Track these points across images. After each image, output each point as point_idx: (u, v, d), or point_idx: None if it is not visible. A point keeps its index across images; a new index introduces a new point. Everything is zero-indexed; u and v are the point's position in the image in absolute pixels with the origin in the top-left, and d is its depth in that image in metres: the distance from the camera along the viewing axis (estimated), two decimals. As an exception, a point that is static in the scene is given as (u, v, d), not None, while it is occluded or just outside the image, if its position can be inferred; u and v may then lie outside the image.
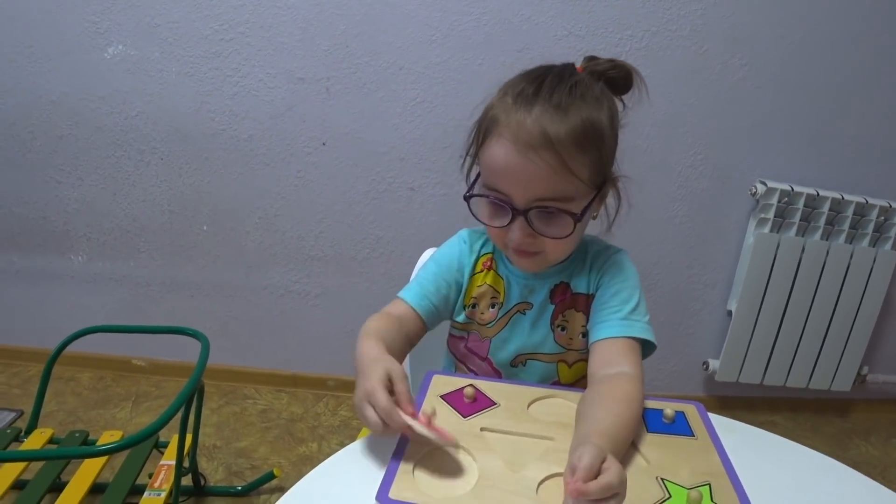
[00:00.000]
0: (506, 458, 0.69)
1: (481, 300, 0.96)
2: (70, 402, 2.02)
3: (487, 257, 0.97)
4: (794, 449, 0.81)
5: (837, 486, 0.74)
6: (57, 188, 2.00)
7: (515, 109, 0.78)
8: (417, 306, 0.93)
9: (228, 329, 2.14)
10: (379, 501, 0.61)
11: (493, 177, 0.81)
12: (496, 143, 0.79)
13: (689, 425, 0.81)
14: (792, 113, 1.97)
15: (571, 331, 0.94)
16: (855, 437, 2.27)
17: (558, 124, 0.77)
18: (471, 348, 0.98)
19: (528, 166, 0.77)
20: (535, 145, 0.76)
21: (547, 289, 0.93)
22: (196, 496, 1.64)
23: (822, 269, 2.06)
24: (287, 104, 1.88)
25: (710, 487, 0.68)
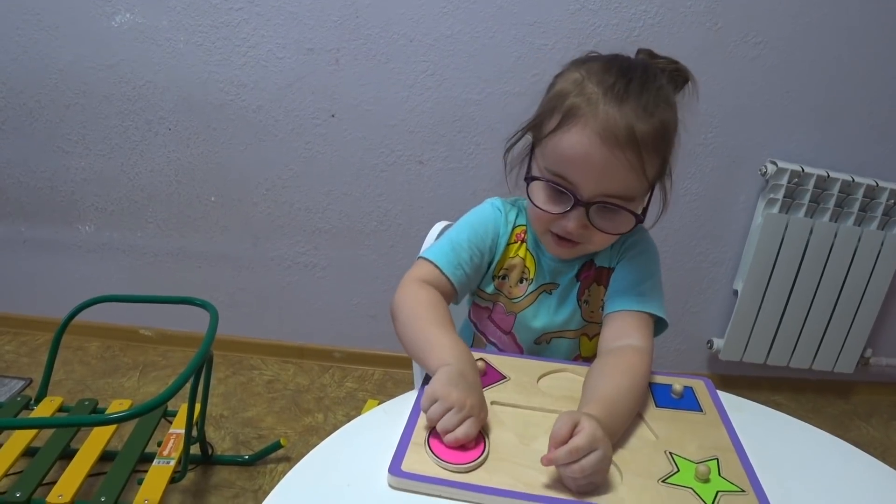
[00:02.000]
0: (516, 431, 0.70)
1: (512, 272, 0.95)
2: (78, 371, 2.04)
3: (521, 229, 0.96)
4: (800, 427, 0.82)
5: (843, 465, 0.75)
6: (64, 158, 1.99)
7: (605, 101, 0.76)
8: (452, 275, 0.89)
9: (235, 300, 2.15)
10: (391, 474, 0.62)
11: (564, 164, 0.79)
12: (578, 132, 0.77)
13: (697, 401, 0.81)
14: (805, 93, 1.95)
15: (593, 304, 0.95)
16: (856, 418, 2.28)
17: (645, 124, 0.76)
18: (495, 320, 0.98)
19: (609, 161, 0.76)
20: (622, 142, 0.75)
21: (576, 268, 0.94)
22: (204, 464, 1.66)
23: (829, 251, 2.05)
24: (296, 75, 1.87)
25: (718, 462, 0.69)
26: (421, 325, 0.80)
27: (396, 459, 0.63)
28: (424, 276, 0.89)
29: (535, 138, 0.86)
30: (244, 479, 1.64)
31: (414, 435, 0.67)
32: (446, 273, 0.89)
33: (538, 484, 0.62)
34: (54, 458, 1.32)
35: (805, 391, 2.36)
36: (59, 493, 1.22)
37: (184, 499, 1.55)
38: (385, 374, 2.20)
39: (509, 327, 0.96)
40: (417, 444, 0.66)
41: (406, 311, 0.83)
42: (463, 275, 0.90)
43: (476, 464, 0.64)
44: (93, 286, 2.09)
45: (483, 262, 0.93)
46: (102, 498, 1.22)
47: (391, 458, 0.63)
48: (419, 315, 0.81)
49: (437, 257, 0.90)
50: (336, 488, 0.62)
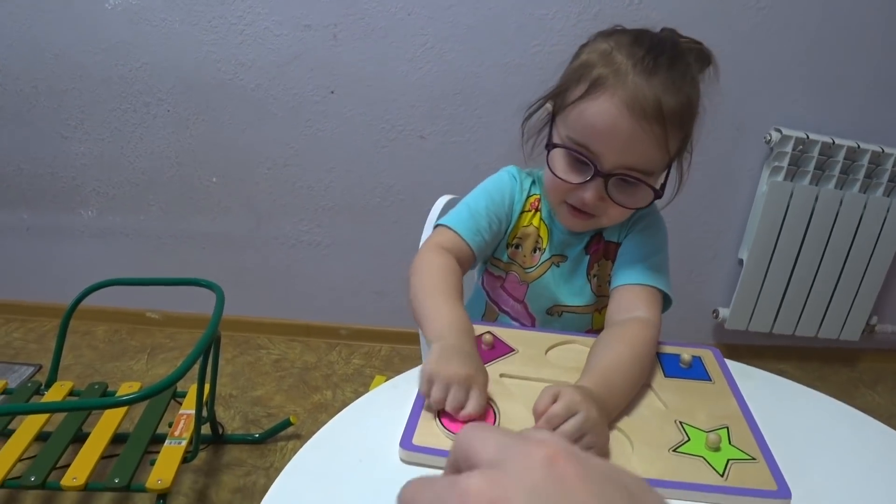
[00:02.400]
0: (526, 403, 0.70)
1: (525, 241, 0.95)
2: (87, 355, 2.05)
3: (535, 198, 0.96)
4: (808, 395, 0.82)
5: (851, 431, 0.75)
6: (64, 143, 1.99)
7: (635, 73, 0.76)
8: (472, 242, 0.89)
9: (240, 280, 2.15)
10: (403, 448, 0.62)
11: (588, 133, 0.79)
12: (606, 101, 0.76)
13: (706, 370, 0.81)
14: (809, 59, 1.92)
15: (602, 278, 0.95)
16: (862, 386, 2.29)
17: (672, 99, 0.76)
18: (507, 289, 0.98)
19: (634, 132, 0.76)
20: (649, 114, 0.75)
21: (584, 242, 0.94)
22: (215, 444, 1.68)
23: (835, 219, 2.04)
24: (294, 52, 1.85)
25: (728, 430, 0.69)
26: (425, 293, 0.81)
27: (407, 434, 0.63)
28: (443, 242, 0.89)
29: (557, 107, 0.85)
30: (255, 457, 1.66)
31: (423, 409, 0.67)
32: (466, 239, 0.89)
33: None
34: (67, 442, 1.33)
35: (810, 359, 2.37)
36: (74, 476, 1.23)
37: (196, 478, 1.57)
38: (392, 350, 2.20)
39: (522, 296, 0.97)
40: (427, 417, 0.66)
41: (415, 278, 0.84)
42: (482, 241, 0.91)
43: None
44: (98, 270, 2.08)
45: (500, 229, 0.94)
46: (116, 479, 1.23)
47: (402, 432, 0.64)
48: (425, 283, 0.82)
49: (456, 224, 0.90)
50: (348, 464, 0.62)
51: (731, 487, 0.61)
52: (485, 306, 1.03)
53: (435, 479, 0.27)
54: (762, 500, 0.61)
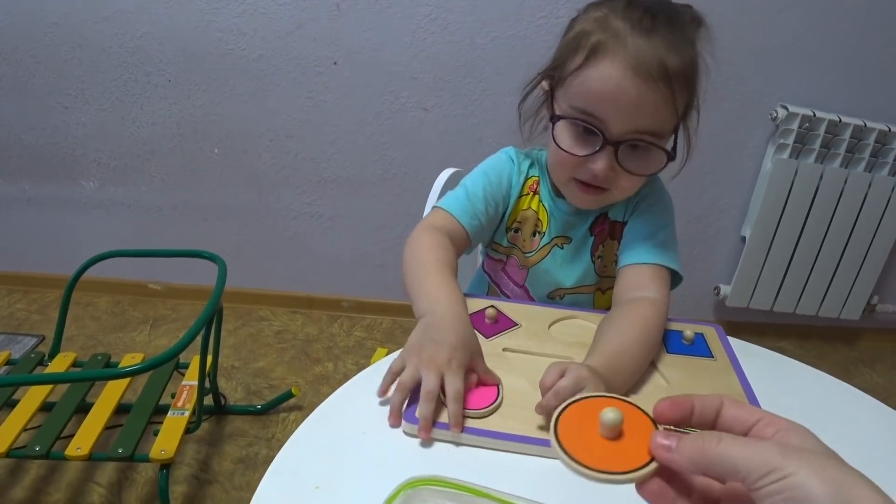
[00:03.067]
0: (529, 378, 0.70)
1: (525, 225, 0.94)
2: (89, 326, 2.06)
3: (534, 180, 0.94)
4: (809, 373, 0.82)
5: (851, 410, 0.75)
6: (64, 113, 1.97)
7: (634, 35, 0.74)
8: (467, 225, 0.88)
9: (242, 252, 2.15)
10: (406, 421, 0.62)
11: (593, 100, 0.76)
12: (608, 66, 0.74)
13: (708, 347, 0.81)
14: (817, 36, 1.89)
15: (607, 258, 0.94)
16: (861, 365, 2.30)
17: (675, 57, 0.74)
18: (508, 273, 0.98)
19: (641, 93, 0.74)
20: (654, 75, 0.73)
21: (589, 222, 0.92)
22: (217, 415, 1.69)
23: (839, 198, 2.03)
24: (296, 22, 1.82)
25: None
26: (415, 270, 0.80)
27: (411, 408, 0.64)
28: (437, 223, 0.88)
29: (555, 81, 0.82)
30: (257, 428, 1.67)
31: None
32: (462, 221, 0.88)
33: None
34: (71, 413, 1.34)
35: (810, 338, 2.37)
36: (78, 446, 1.24)
37: (199, 448, 1.59)
38: (393, 323, 2.21)
39: (522, 280, 0.96)
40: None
41: (408, 257, 0.83)
42: (478, 224, 0.89)
43: (490, 410, 0.64)
44: (99, 242, 2.08)
45: (497, 213, 0.92)
46: (119, 449, 1.24)
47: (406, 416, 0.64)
48: (417, 261, 0.81)
49: (451, 206, 0.89)
50: (352, 436, 0.63)
51: None
52: (487, 290, 1.03)
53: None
54: None
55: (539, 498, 0.54)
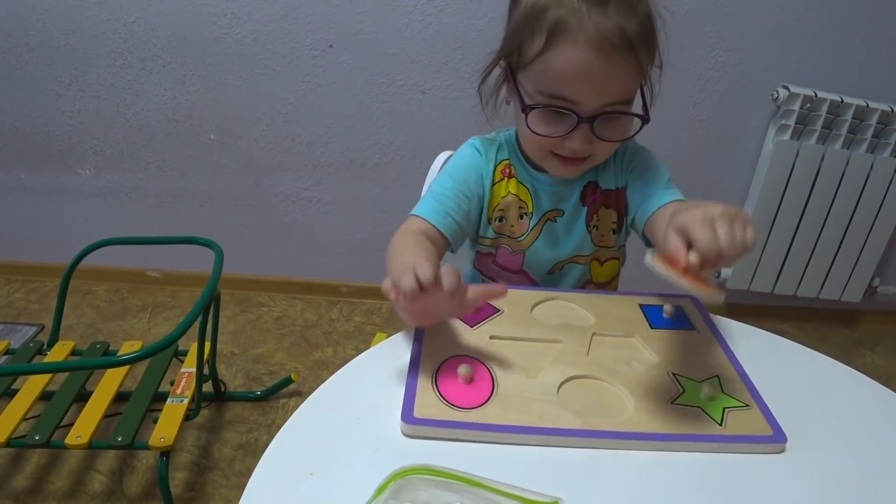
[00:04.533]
0: (521, 364, 0.69)
1: (508, 211, 0.92)
2: (88, 314, 2.06)
3: (504, 164, 0.92)
4: (809, 355, 0.82)
5: (850, 391, 0.75)
6: (58, 101, 1.95)
7: (588, 8, 0.72)
8: (440, 224, 0.87)
9: (240, 238, 2.14)
10: (405, 422, 0.60)
11: (562, 83, 0.75)
12: (569, 48, 0.72)
13: (689, 320, 0.82)
14: (819, 15, 1.87)
15: (603, 228, 0.94)
16: (861, 347, 2.29)
17: (632, 21, 0.73)
18: (501, 263, 0.96)
19: (609, 69, 0.73)
20: (618, 46, 0.72)
21: (577, 192, 0.91)
22: (217, 402, 1.69)
23: (840, 179, 2.01)
24: (291, 5, 1.80)
25: (720, 379, 0.70)
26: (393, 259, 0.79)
27: (407, 406, 0.62)
28: (413, 228, 0.87)
29: (515, 65, 0.80)
30: (257, 414, 1.67)
31: (420, 378, 0.66)
32: (435, 224, 0.87)
33: (551, 416, 0.62)
34: (70, 401, 1.34)
35: (811, 320, 2.37)
36: (77, 435, 1.24)
37: (199, 435, 1.59)
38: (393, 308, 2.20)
39: (519, 266, 0.95)
40: (425, 387, 0.65)
41: (388, 257, 0.81)
42: (452, 223, 0.88)
43: (486, 403, 0.63)
44: (97, 230, 2.08)
45: (472, 208, 0.91)
46: (119, 437, 1.24)
47: (399, 403, 0.62)
48: (394, 252, 0.80)
49: (424, 212, 0.88)
50: (348, 421, 0.62)
51: (730, 436, 0.62)
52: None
53: None
54: (760, 444, 0.62)
55: (534, 486, 0.53)
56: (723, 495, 0.57)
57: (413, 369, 0.67)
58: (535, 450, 0.60)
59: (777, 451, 0.62)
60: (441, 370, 0.67)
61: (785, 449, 0.62)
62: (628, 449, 0.60)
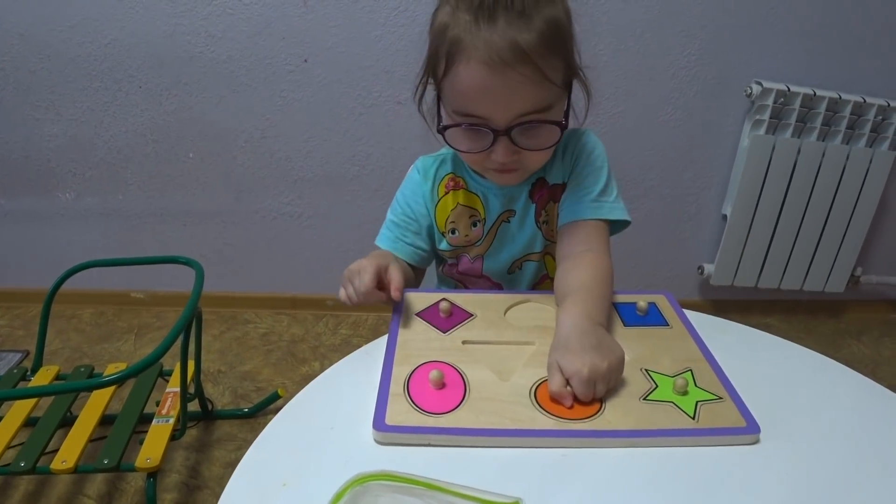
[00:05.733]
0: (493, 367, 0.70)
1: (459, 222, 0.94)
2: (74, 338, 2.04)
3: (448, 178, 0.94)
4: (786, 347, 0.82)
5: (829, 383, 0.75)
6: (36, 125, 1.95)
7: (477, 26, 0.71)
8: (395, 251, 0.93)
9: (223, 255, 2.14)
10: (377, 430, 0.60)
11: (468, 103, 0.76)
12: (465, 68, 0.73)
13: (662, 315, 0.82)
14: (788, 9, 1.89)
15: (552, 222, 0.94)
16: (848, 336, 2.31)
17: (526, 32, 0.71)
18: (463, 271, 0.98)
19: (506, 84, 0.72)
20: (510, 61, 0.71)
21: (526, 191, 0.92)
22: (205, 420, 1.68)
23: (817, 171, 2.03)
24: (264, 21, 1.81)
25: (692, 373, 0.70)
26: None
27: (379, 414, 0.62)
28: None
29: (436, 86, 0.82)
30: (245, 431, 1.66)
31: (392, 385, 0.66)
32: (396, 252, 0.93)
33: (524, 417, 0.62)
34: (55, 426, 1.33)
35: (797, 312, 2.39)
36: (63, 460, 1.22)
37: (188, 455, 1.58)
38: (379, 319, 2.21)
39: (479, 271, 0.97)
40: (397, 394, 0.65)
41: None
42: (406, 247, 0.94)
43: (458, 408, 0.63)
44: (79, 252, 2.07)
45: (422, 227, 0.95)
46: (105, 460, 1.23)
47: (373, 411, 0.63)
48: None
49: (380, 240, 0.95)
50: (321, 431, 0.62)
51: (702, 429, 0.62)
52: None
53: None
54: (733, 436, 0.62)
55: (506, 488, 0.53)
56: (697, 488, 0.57)
57: (385, 377, 0.68)
58: (508, 451, 0.60)
59: (751, 443, 0.62)
60: (413, 377, 0.68)
61: (759, 440, 0.62)
62: (601, 447, 0.61)
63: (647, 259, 2.19)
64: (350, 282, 0.78)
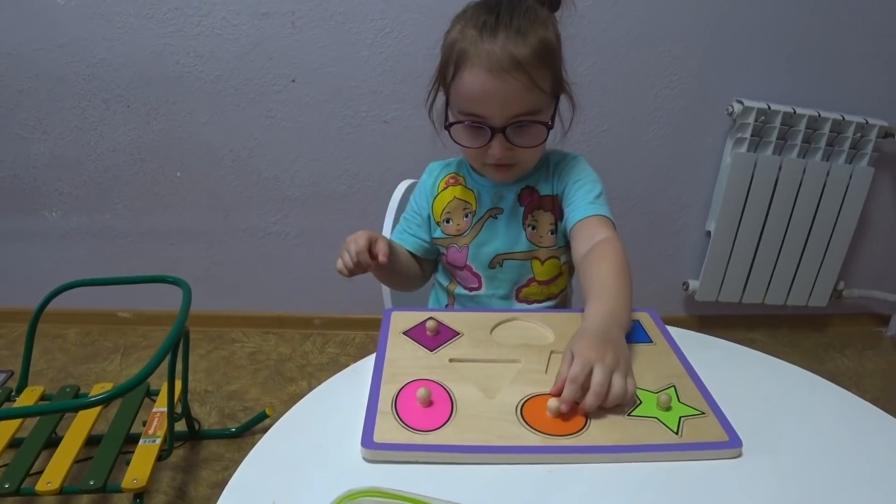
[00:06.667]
0: (479, 385, 0.70)
1: (454, 214, 1.05)
2: (59, 358, 2.03)
3: (449, 176, 1.07)
4: (769, 362, 0.83)
5: (812, 397, 0.76)
6: (23, 144, 1.95)
7: (482, 40, 0.86)
8: (403, 242, 1.07)
9: (211, 274, 2.14)
10: (365, 447, 0.61)
11: (471, 103, 0.89)
12: (470, 73, 0.87)
13: (645, 332, 0.84)
14: (768, 29, 1.94)
15: (541, 229, 1.02)
16: (831, 350, 2.33)
17: (522, 47, 0.86)
18: (451, 261, 1.07)
19: (503, 88, 0.86)
20: (507, 68, 0.85)
21: (514, 193, 1.02)
22: (192, 440, 1.67)
23: (799, 187, 2.07)
24: (252, 41, 1.83)
25: (676, 388, 0.71)
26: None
27: (367, 432, 0.62)
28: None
29: (445, 91, 0.95)
30: (233, 451, 1.65)
31: (380, 403, 0.67)
32: (400, 242, 1.07)
33: (510, 434, 0.63)
34: (40, 447, 1.31)
35: (781, 327, 2.41)
36: (48, 481, 1.21)
37: (174, 475, 1.57)
38: (366, 337, 2.21)
39: (464, 261, 1.05)
40: (385, 412, 0.65)
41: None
42: (412, 239, 1.08)
43: (446, 425, 0.64)
44: (66, 272, 2.05)
45: (423, 220, 1.08)
46: (91, 481, 1.22)
47: (361, 429, 0.63)
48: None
49: (393, 234, 1.11)
50: (310, 449, 0.63)
51: (686, 444, 0.63)
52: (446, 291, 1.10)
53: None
54: (716, 451, 0.63)
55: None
56: (682, 502, 0.58)
57: (373, 395, 0.68)
58: (495, 468, 0.60)
59: (734, 456, 0.63)
60: (401, 394, 0.68)
61: (741, 454, 0.63)
62: (587, 462, 0.61)
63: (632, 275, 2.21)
64: (346, 249, 0.91)
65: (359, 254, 0.90)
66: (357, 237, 0.92)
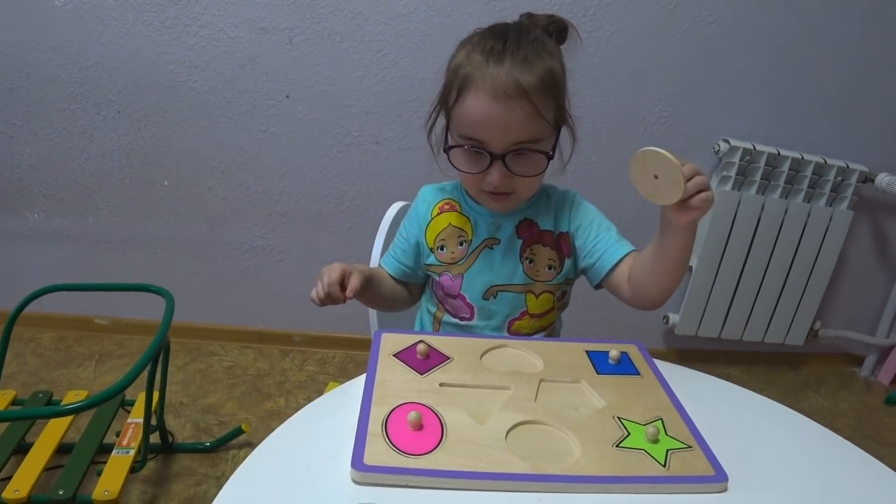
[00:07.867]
0: (470, 410, 0.70)
1: (448, 241, 1.02)
2: (31, 362, 1.99)
3: (443, 202, 1.05)
4: (750, 398, 0.85)
5: (795, 434, 0.78)
6: (9, 143, 1.93)
7: (488, 65, 0.86)
8: (384, 264, 1.08)
9: (192, 286, 2.11)
10: (355, 469, 0.61)
11: (472, 127, 0.88)
12: (474, 97, 0.86)
13: (633, 364, 0.85)
14: (757, 72, 1.99)
15: (538, 263, 1.01)
16: (806, 388, 2.36)
17: (528, 75, 0.85)
18: (444, 289, 1.04)
19: (506, 113, 0.85)
20: (511, 95, 0.84)
21: (513, 224, 1.01)
22: (165, 453, 1.64)
23: (780, 227, 2.11)
24: (249, 55, 1.83)
25: (663, 421, 0.72)
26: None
27: (357, 454, 0.62)
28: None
29: (446, 114, 0.94)
30: (206, 465, 1.63)
31: (370, 425, 0.66)
32: (391, 272, 1.06)
33: (500, 461, 0.63)
34: (9, 453, 1.29)
35: (758, 363, 2.44)
36: (16, 489, 1.19)
37: (145, 488, 1.53)
38: (346, 357, 2.19)
39: (457, 290, 1.02)
40: (375, 434, 0.65)
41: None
42: (399, 266, 1.06)
43: (436, 450, 0.64)
44: (44, 275, 2.03)
45: (410, 246, 1.05)
46: (60, 491, 1.20)
47: (351, 450, 0.63)
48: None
49: (385, 263, 1.08)
50: (298, 470, 0.62)
51: (673, 477, 0.64)
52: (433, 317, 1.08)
53: None
54: (702, 485, 0.64)
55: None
56: (666, 536, 0.58)
57: (363, 417, 0.68)
58: (483, 495, 0.60)
59: (719, 491, 0.64)
60: (391, 417, 0.68)
61: (727, 488, 0.64)
62: (576, 492, 0.62)
63: (613, 307, 2.21)
64: (320, 280, 0.88)
65: (330, 286, 0.88)
66: (331, 269, 0.90)
